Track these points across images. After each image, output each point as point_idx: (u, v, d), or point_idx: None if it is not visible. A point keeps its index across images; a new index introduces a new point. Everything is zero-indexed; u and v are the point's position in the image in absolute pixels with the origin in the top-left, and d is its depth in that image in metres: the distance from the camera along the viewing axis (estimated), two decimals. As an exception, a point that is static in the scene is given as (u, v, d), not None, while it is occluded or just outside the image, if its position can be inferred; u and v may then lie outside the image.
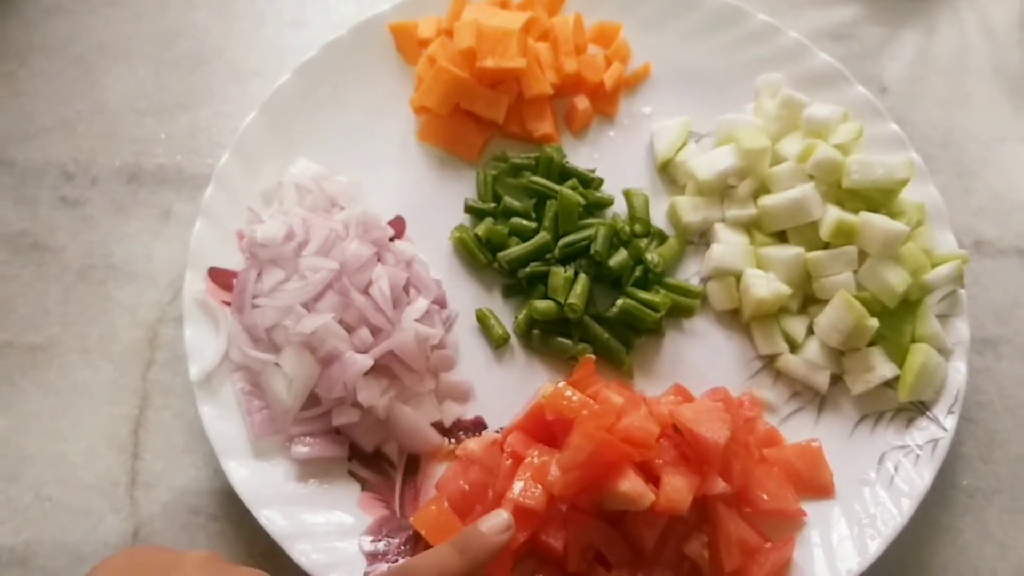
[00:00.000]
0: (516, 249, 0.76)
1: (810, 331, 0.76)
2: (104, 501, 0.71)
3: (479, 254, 0.77)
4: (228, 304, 0.73)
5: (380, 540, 0.67)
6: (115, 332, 0.77)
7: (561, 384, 0.67)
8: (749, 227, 0.79)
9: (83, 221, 0.82)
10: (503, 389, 0.74)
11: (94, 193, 0.83)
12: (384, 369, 0.70)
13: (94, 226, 0.82)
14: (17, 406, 0.74)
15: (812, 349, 0.75)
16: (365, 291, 0.72)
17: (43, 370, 0.76)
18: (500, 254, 0.77)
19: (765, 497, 0.67)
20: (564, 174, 0.81)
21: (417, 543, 0.67)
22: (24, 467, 0.72)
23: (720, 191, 0.81)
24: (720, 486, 0.64)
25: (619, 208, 0.81)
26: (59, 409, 0.74)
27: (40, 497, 0.71)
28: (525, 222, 0.78)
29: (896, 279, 0.73)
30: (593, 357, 0.73)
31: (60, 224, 0.82)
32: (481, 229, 0.78)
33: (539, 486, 0.63)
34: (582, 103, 0.85)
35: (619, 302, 0.74)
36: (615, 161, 0.84)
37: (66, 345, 0.77)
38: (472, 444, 0.70)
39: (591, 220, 0.78)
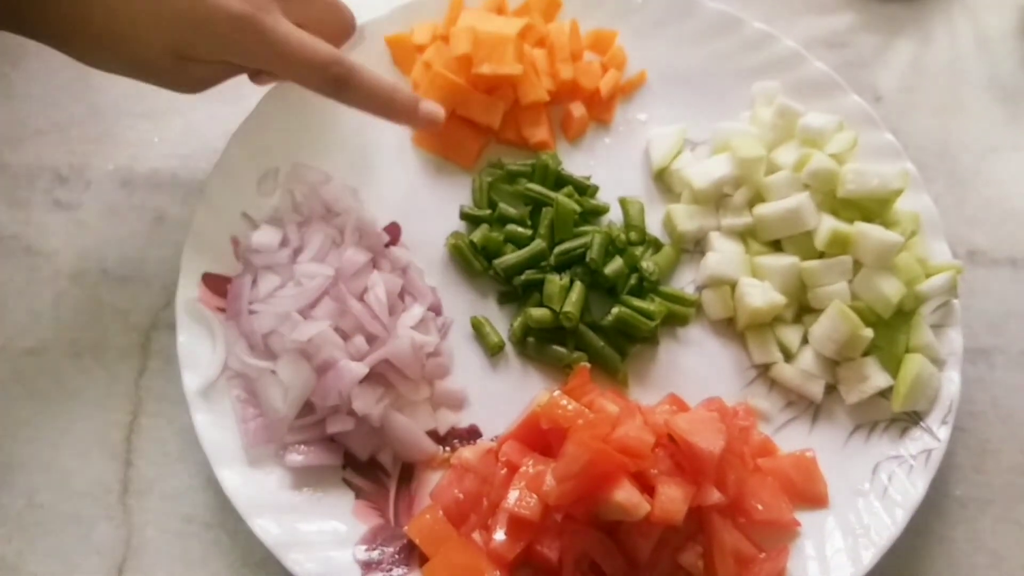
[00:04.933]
0: (511, 256, 0.76)
1: (805, 340, 0.76)
2: (96, 508, 0.71)
3: (474, 261, 0.77)
4: (222, 310, 0.73)
5: (374, 549, 0.66)
6: (108, 337, 0.77)
7: (556, 393, 0.67)
8: (744, 236, 0.80)
9: (76, 225, 0.82)
10: (498, 397, 0.74)
11: (87, 197, 0.83)
12: (379, 377, 0.70)
13: (87, 230, 0.81)
14: (8, 411, 0.74)
15: (807, 359, 0.75)
16: (361, 298, 0.72)
17: (34, 375, 0.75)
18: (495, 261, 0.77)
19: (759, 507, 0.67)
20: (560, 181, 0.81)
21: (411, 552, 0.66)
22: (15, 473, 0.72)
23: (715, 200, 0.81)
24: (715, 496, 0.64)
25: (615, 216, 0.81)
26: (51, 415, 0.74)
27: (32, 504, 0.71)
28: (521, 229, 0.78)
29: (891, 289, 0.73)
30: (588, 365, 0.73)
31: (53, 228, 0.81)
32: (476, 236, 0.78)
33: (534, 496, 0.63)
34: (578, 110, 0.84)
35: (614, 310, 0.74)
36: (611, 168, 0.84)
37: (58, 350, 0.76)
38: (467, 453, 0.69)
39: (587, 228, 0.78)
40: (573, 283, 0.75)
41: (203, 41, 0.67)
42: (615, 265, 0.76)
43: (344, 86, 0.70)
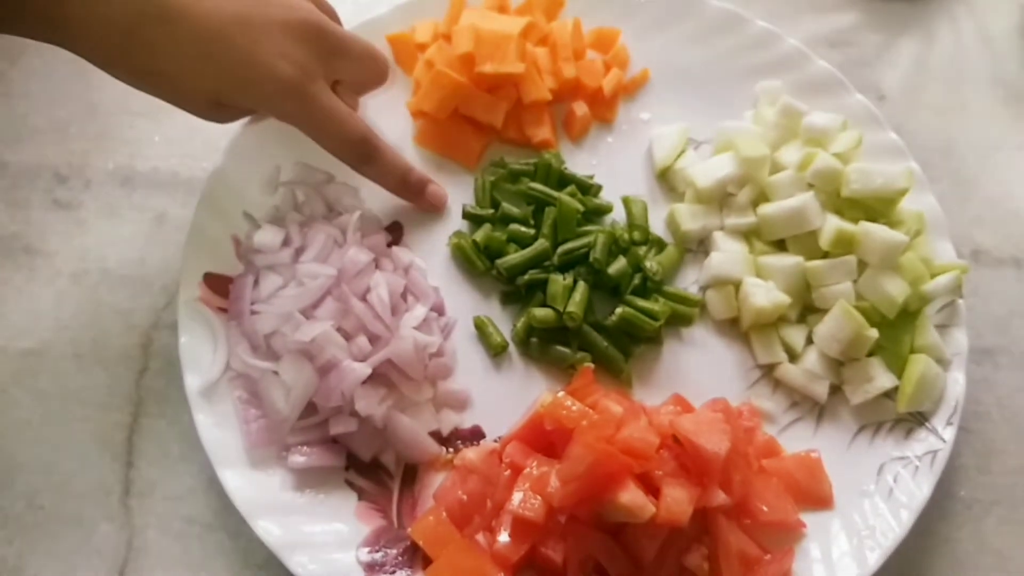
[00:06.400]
0: (514, 256, 0.76)
1: (809, 341, 0.75)
2: (97, 510, 0.70)
3: (477, 261, 0.77)
4: (224, 311, 0.73)
5: (377, 551, 0.66)
6: (108, 337, 0.77)
7: (560, 394, 0.66)
8: (748, 236, 0.79)
9: (76, 224, 0.81)
10: (501, 398, 0.73)
11: (87, 196, 0.83)
12: (382, 377, 0.70)
13: (87, 230, 0.81)
14: (8, 413, 0.73)
15: (811, 359, 0.74)
16: (363, 298, 0.71)
17: (34, 376, 0.75)
18: (498, 261, 0.76)
19: (765, 508, 0.67)
20: (562, 180, 0.81)
21: (415, 554, 0.66)
22: (16, 475, 0.71)
23: (719, 199, 0.80)
24: (720, 498, 0.64)
25: (618, 215, 0.81)
26: (51, 416, 0.74)
27: (33, 506, 0.70)
28: (523, 229, 0.78)
29: (895, 289, 0.72)
30: (592, 366, 0.73)
31: (53, 227, 0.81)
32: (479, 236, 0.77)
33: (538, 497, 0.62)
34: (580, 109, 0.84)
35: (618, 310, 0.74)
36: (614, 168, 0.84)
37: (59, 350, 0.76)
38: (470, 454, 0.69)
39: (590, 227, 0.77)
40: (576, 283, 0.75)
41: (245, 97, 0.68)
42: (619, 265, 0.75)
43: (367, 162, 0.75)
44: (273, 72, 0.66)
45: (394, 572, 0.65)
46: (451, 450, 0.71)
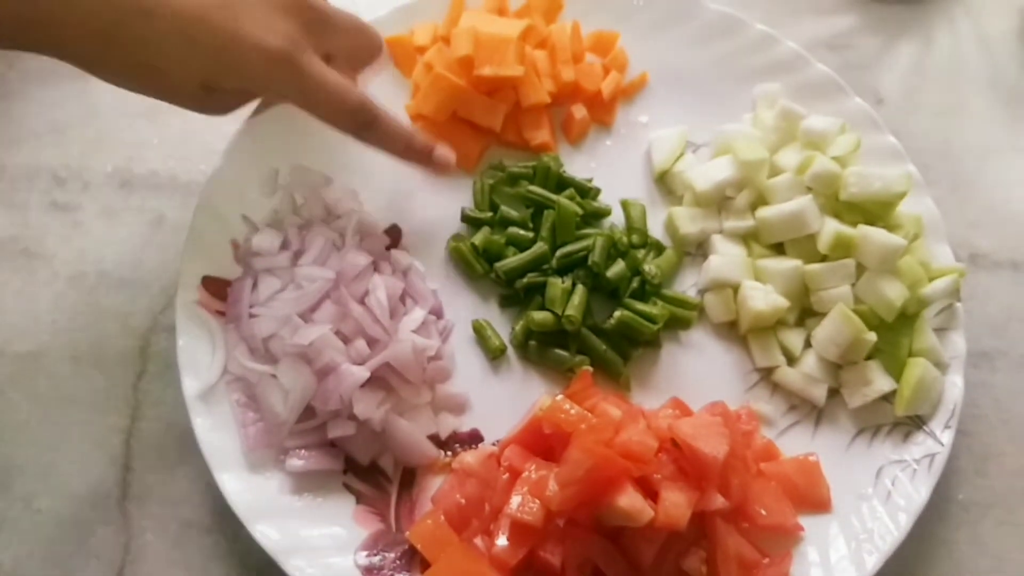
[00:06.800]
0: (513, 259, 0.76)
1: (807, 344, 0.76)
2: (95, 513, 0.70)
3: (476, 264, 0.77)
4: (222, 314, 0.73)
5: (375, 555, 0.66)
6: (106, 340, 0.76)
7: (559, 397, 0.66)
8: (747, 239, 0.79)
9: (74, 227, 0.81)
10: (500, 401, 0.73)
11: (85, 198, 0.82)
12: (380, 381, 0.70)
13: (85, 232, 0.81)
14: (6, 415, 0.73)
15: (809, 362, 0.74)
16: (362, 301, 0.71)
17: (32, 378, 0.75)
18: (497, 264, 0.76)
19: (763, 512, 0.67)
20: (561, 184, 0.81)
21: (413, 557, 0.66)
22: (13, 478, 0.71)
23: (718, 202, 0.81)
24: (718, 501, 0.64)
25: (616, 218, 0.81)
26: (49, 418, 0.73)
27: (30, 509, 0.70)
28: (522, 232, 0.78)
29: (894, 293, 0.72)
30: (590, 369, 0.73)
31: (51, 230, 0.81)
32: (478, 239, 0.77)
33: (537, 501, 0.62)
34: (579, 112, 0.84)
35: (616, 314, 0.74)
36: (612, 171, 0.84)
37: (56, 353, 0.76)
38: (468, 457, 0.69)
39: (588, 230, 0.78)
40: (575, 286, 0.75)
41: (236, 76, 0.67)
42: (617, 268, 0.75)
43: (367, 129, 0.72)
44: (260, 45, 0.65)
45: (392, 576, 0.65)
46: (449, 454, 0.71)
